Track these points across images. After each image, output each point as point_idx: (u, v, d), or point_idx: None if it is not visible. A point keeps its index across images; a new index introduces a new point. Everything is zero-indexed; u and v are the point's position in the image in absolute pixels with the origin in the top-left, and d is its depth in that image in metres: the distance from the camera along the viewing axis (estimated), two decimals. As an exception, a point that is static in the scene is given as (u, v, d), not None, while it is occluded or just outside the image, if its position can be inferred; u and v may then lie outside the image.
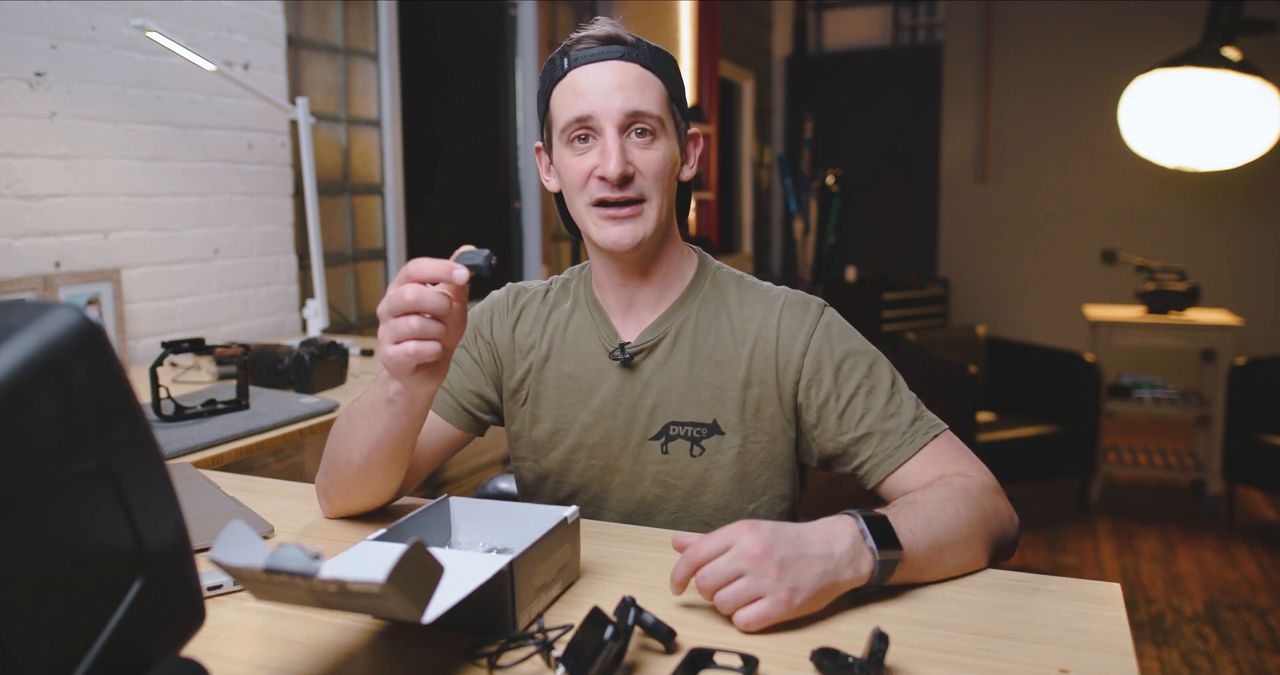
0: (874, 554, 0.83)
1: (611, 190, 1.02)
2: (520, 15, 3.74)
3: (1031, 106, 5.73)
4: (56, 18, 1.99)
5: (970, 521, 0.92)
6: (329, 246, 2.75)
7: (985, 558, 0.94)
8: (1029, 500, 3.94)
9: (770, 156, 6.63)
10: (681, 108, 1.09)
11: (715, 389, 1.08)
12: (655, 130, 1.03)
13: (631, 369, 1.10)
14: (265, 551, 0.62)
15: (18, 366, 0.50)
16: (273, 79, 2.54)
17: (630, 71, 1.03)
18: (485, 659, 0.74)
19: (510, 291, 1.20)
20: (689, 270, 1.14)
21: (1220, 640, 2.68)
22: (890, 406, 1.05)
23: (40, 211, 1.98)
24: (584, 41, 1.05)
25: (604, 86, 1.02)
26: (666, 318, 1.11)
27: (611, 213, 1.04)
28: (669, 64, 1.08)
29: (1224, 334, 3.81)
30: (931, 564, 0.89)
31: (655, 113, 1.03)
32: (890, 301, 5.59)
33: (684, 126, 1.10)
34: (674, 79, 1.08)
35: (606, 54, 1.04)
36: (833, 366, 1.06)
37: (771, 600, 0.78)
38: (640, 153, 1.03)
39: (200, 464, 1.38)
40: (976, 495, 0.96)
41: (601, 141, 1.02)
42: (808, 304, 1.10)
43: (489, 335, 1.18)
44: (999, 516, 0.98)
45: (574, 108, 1.03)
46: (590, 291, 1.15)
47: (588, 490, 1.14)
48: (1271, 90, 3.75)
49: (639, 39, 1.06)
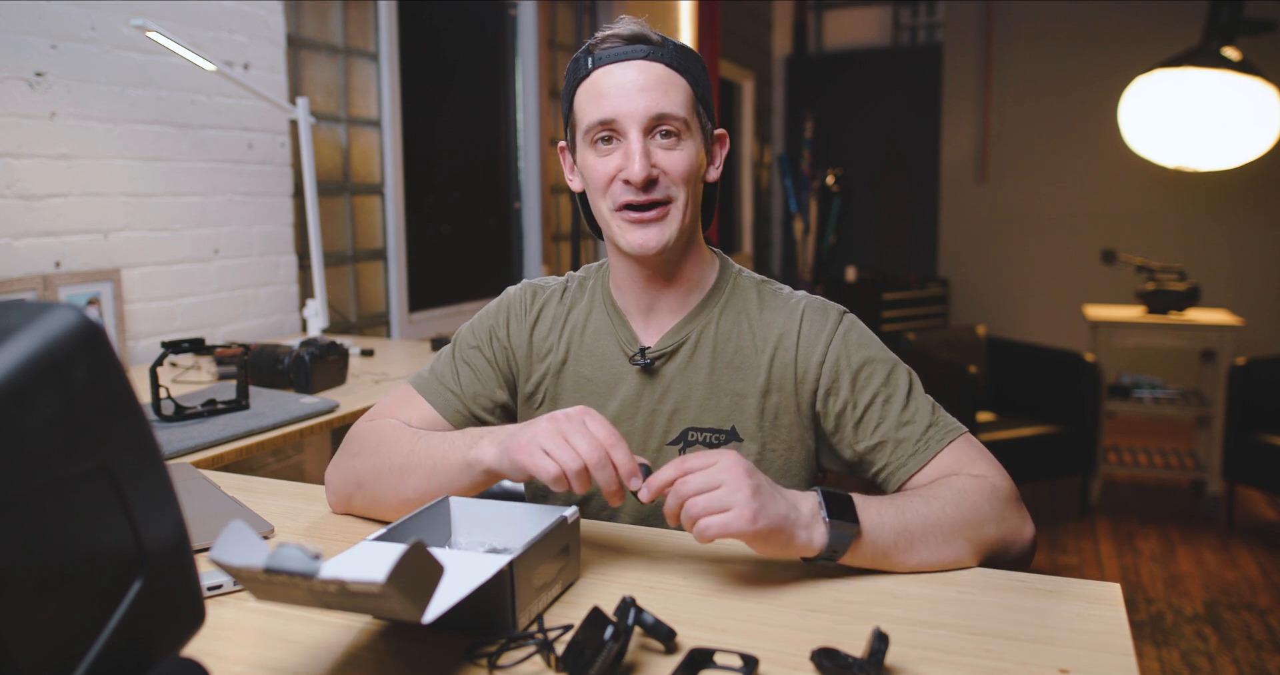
0: (827, 524, 0.85)
1: (636, 193, 1.01)
2: (520, 15, 3.74)
3: (1031, 106, 5.73)
4: (56, 18, 1.99)
5: (956, 518, 0.92)
6: (329, 246, 2.75)
7: (972, 557, 0.93)
8: (1029, 500, 3.92)
9: (770, 156, 6.63)
10: (707, 108, 1.07)
11: (735, 396, 1.08)
12: (680, 132, 1.02)
13: (651, 374, 1.09)
14: (265, 551, 0.62)
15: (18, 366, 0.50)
16: (273, 79, 2.54)
17: (655, 72, 1.02)
18: (485, 659, 0.74)
19: (527, 291, 1.18)
20: (711, 275, 1.13)
21: (1220, 640, 2.68)
22: (905, 414, 1.04)
23: (40, 211, 1.98)
24: (609, 40, 1.04)
25: (628, 88, 1.01)
26: (688, 322, 1.10)
27: (636, 216, 1.02)
28: (695, 63, 1.06)
29: (1224, 334, 3.81)
30: (898, 550, 0.89)
31: (680, 114, 1.02)
32: (890, 301, 5.59)
33: (710, 127, 1.08)
34: (700, 79, 1.06)
35: (631, 53, 1.02)
36: (850, 375, 1.06)
37: (736, 513, 0.82)
38: (665, 155, 1.02)
39: (200, 464, 1.38)
40: (977, 495, 0.95)
41: (625, 144, 1.01)
42: (828, 311, 1.09)
43: (505, 338, 1.15)
44: (1002, 521, 0.96)
45: (598, 110, 1.02)
46: (608, 293, 1.14)
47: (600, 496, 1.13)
48: (1271, 90, 3.75)
49: (665, 38, 1.04)
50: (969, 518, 0.93)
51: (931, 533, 0.90)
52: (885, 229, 6.31)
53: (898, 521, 0.89)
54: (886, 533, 0.88)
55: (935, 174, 6.10)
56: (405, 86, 3.07)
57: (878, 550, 0.89)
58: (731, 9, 5.64)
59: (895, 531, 0.89)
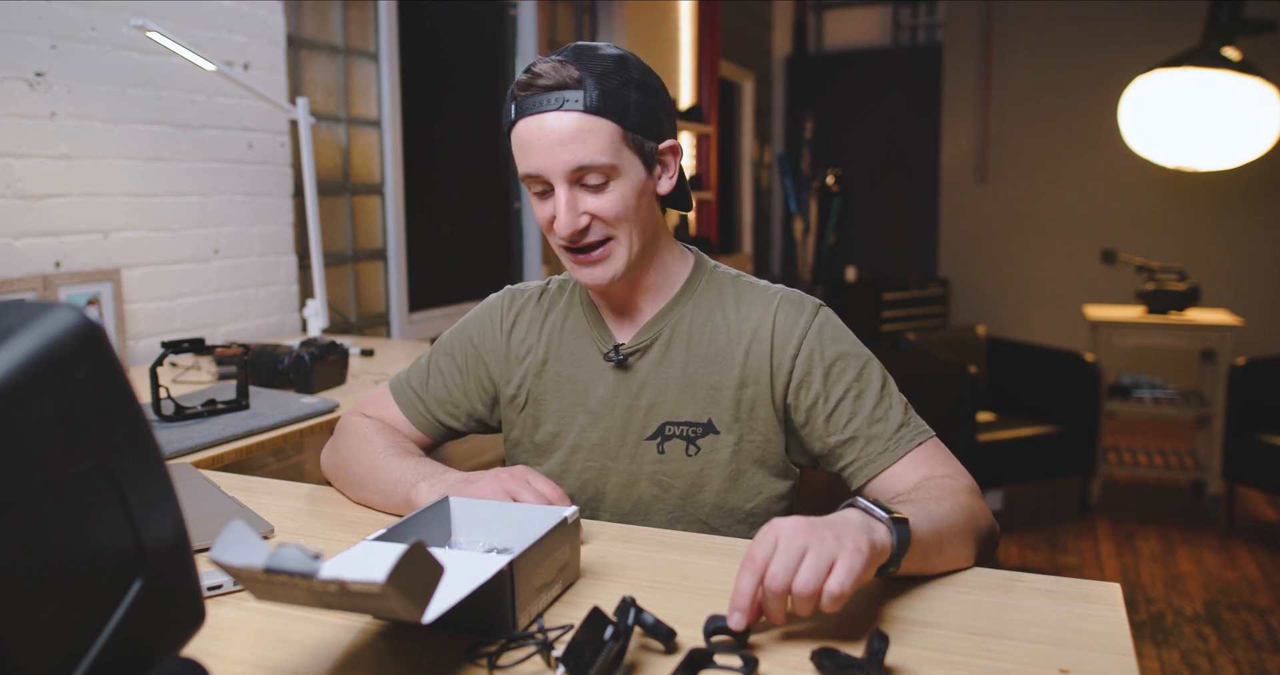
0: (885, 523, 0.81)
1: (572, 241, 1.03)
2: (520, 15, 3.74)
3: (1031, 106, 5.73)
4: (56, 18, 1.99)
5: (962, 517, 0.93)
6: (329, 246, 2.75)
7: (974, 556, 0.95)
8: (1029, 500, 3.94)
9: (770, 156, 6.63)
10: (647, 127, 1.02)
11: (710, 388, 1.09)
12: (608, 174, 1.00)
13: (626, 369, 1.11)
14: (265, 551, 0.62)
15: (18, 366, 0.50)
16: (273, 79, 2.54)
17: (572, 123, 0.97)
18: (485, 659, 0.74)
19: (505, 296, 1.21)
20: (683, 271, 1.14)
21: (1220, 640, 2.68)
22: (878, 411, 1.05)
23: (40, 211, 1.98)
24: (531, 87, 0.99)
25: (547, 142, 0.98)
26: (660, 318, 1.11)
27: (580, 258, 1.05)
28: (625, 89, 0.99)
29: (1224, 334, 3.81)
30: (935, 551, 0.88)
31: (602, 162, 0.99)
32: (890, 301, 5.59)
33: (649, 148, 1.04)
34: (631, 106, 1.00)
35: (547, 103, 0.98)
36: (823, 369, 1.06)
37: (847, 555, 0.74)
38: (594, 200, 1.01)
39: (200, 464, 1.38)
40: (966, 494, 0.98)
41: (555, 195, 1.01)
42: (803, 304, 1.10)
43: (481, 344, 1.19)
44: (983, 517, 0.98)
45: (524, 163, 1.02)
46: (585, 293, 1.16)
47: (585, 491, 1.14)
48: (1271, 90, 3.75)
49: (584, 74, 0.98)
50: (968, 517, 0.94)
51: (952, 533, 0.90)
52: (885, 229, 6.31)
53: (929, 522, 0.87)
54: (925, 533, 0.85)
55: (935, 174, 6.10)
56: (405, 86, 3.07)
57: (921, 553, 0.85)
58: (731, 9, 5.64)
59: (930, 532, 0.86)
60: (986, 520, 0.98)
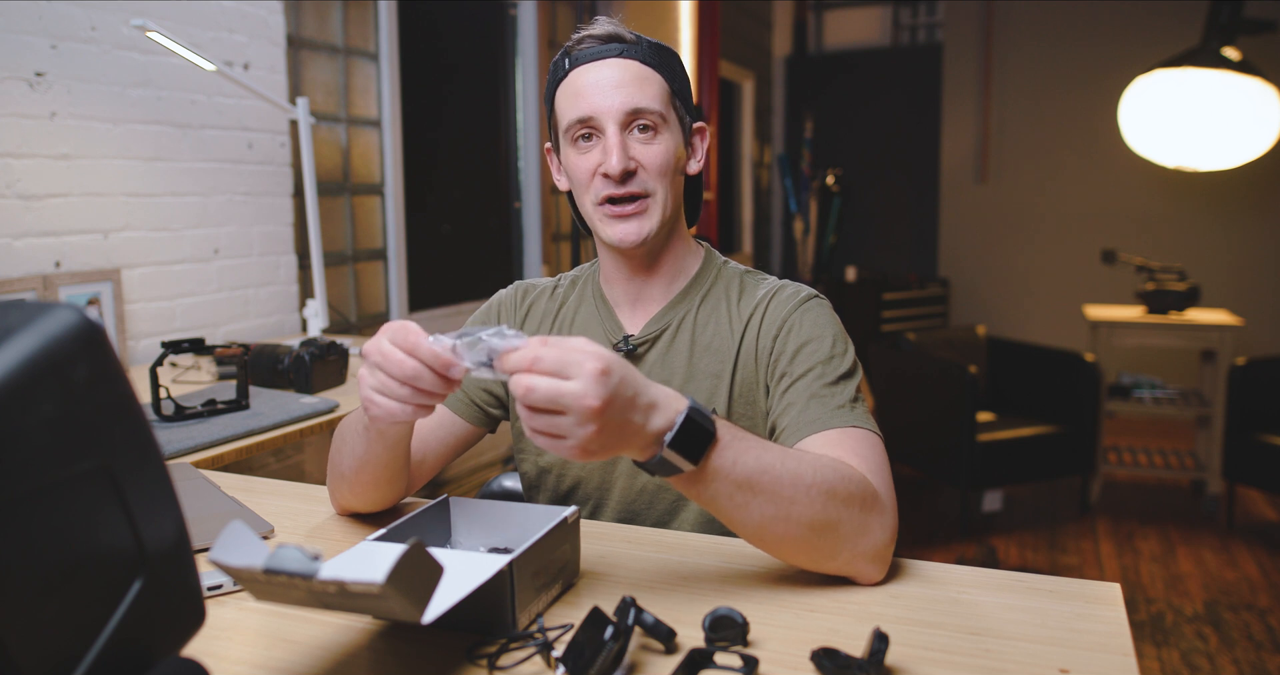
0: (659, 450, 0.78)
1: (615, 186, 1.04)
2: (520, 15, 3.74)
3: (1031, 106, 5.73)
4: (56, 18, 1.99)
5: (816, 484, 0.84)
6: (329, 246, 2.75)
7: (807, 538, 0.85)
8: (1029, 500, 3.94)
9: (770, 156, 6.63)
10: (685, 102, 1.10)
11: (712, 378, 1.10)
12: (657, 126, 1.05)
13: (635, 360, 1.12)
14: (265, 552, 0.62)
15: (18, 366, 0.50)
16: (273, 79, 2.54)
17: (629, 69, 1.05)
18: (485, 659, 0.74)
19: (518, 290, 1.23)
20: (694, 264, 1.16)
21: (1220, 640, 2.68)
22: (826, 390, 1.01)
23: (40, 211, 1.98)
24: (585, 41, 1.08)
25: (604, 85, 1.04)
26: (669, 310, 1.13)
27: (616, 210, 1.06)
28: (671, 59, 1.09)
29: (1224, 334, 3.81)
30: (754, 490, 0.82)
31: (656, 108, 1.05)
32: (890, 301, 5.58)
33: (688, 121, 1.11)
34: (676, 74, 1.09)
35: (605, 52, 1.06)
36: (794, 348, 1.06)
37: (570, 446, 0.74)
38: (642, 148, 1.05)
39: (200, 464, 1.38)
40: (845, 483, 0.86)
41: (604, 139, 1.04)
42: (798, 293, 1.11)
43: None
44: (847, 520, 0.86)
45: (576, 108, 1.05)
46: (598, 287, 1.17)
47: (589, 482, 1.15)
48: (1271, 90, 3.75)
49: (639, 36, 1.08)
50: (829, 494, 0.85)
51: (773, 491, 0.83)
52: (885, 229, 6.31)
53: (762, 453, 0.83)
54: (726, 475, 0.81)
55: (935, 174, 6.10)
56: (405, 86, 3.07)
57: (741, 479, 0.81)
58: (731, 9, 5.64)
59: (756, 465, 0.82)
60: (848, 524, 0.86)
